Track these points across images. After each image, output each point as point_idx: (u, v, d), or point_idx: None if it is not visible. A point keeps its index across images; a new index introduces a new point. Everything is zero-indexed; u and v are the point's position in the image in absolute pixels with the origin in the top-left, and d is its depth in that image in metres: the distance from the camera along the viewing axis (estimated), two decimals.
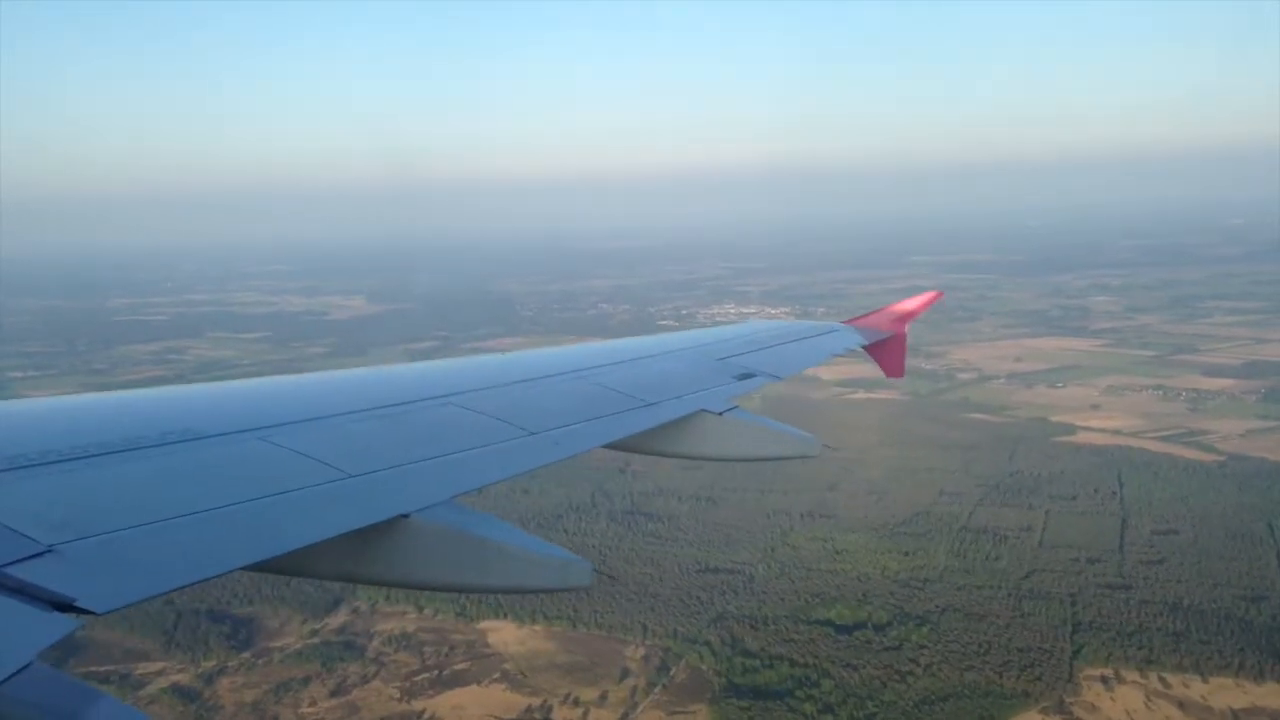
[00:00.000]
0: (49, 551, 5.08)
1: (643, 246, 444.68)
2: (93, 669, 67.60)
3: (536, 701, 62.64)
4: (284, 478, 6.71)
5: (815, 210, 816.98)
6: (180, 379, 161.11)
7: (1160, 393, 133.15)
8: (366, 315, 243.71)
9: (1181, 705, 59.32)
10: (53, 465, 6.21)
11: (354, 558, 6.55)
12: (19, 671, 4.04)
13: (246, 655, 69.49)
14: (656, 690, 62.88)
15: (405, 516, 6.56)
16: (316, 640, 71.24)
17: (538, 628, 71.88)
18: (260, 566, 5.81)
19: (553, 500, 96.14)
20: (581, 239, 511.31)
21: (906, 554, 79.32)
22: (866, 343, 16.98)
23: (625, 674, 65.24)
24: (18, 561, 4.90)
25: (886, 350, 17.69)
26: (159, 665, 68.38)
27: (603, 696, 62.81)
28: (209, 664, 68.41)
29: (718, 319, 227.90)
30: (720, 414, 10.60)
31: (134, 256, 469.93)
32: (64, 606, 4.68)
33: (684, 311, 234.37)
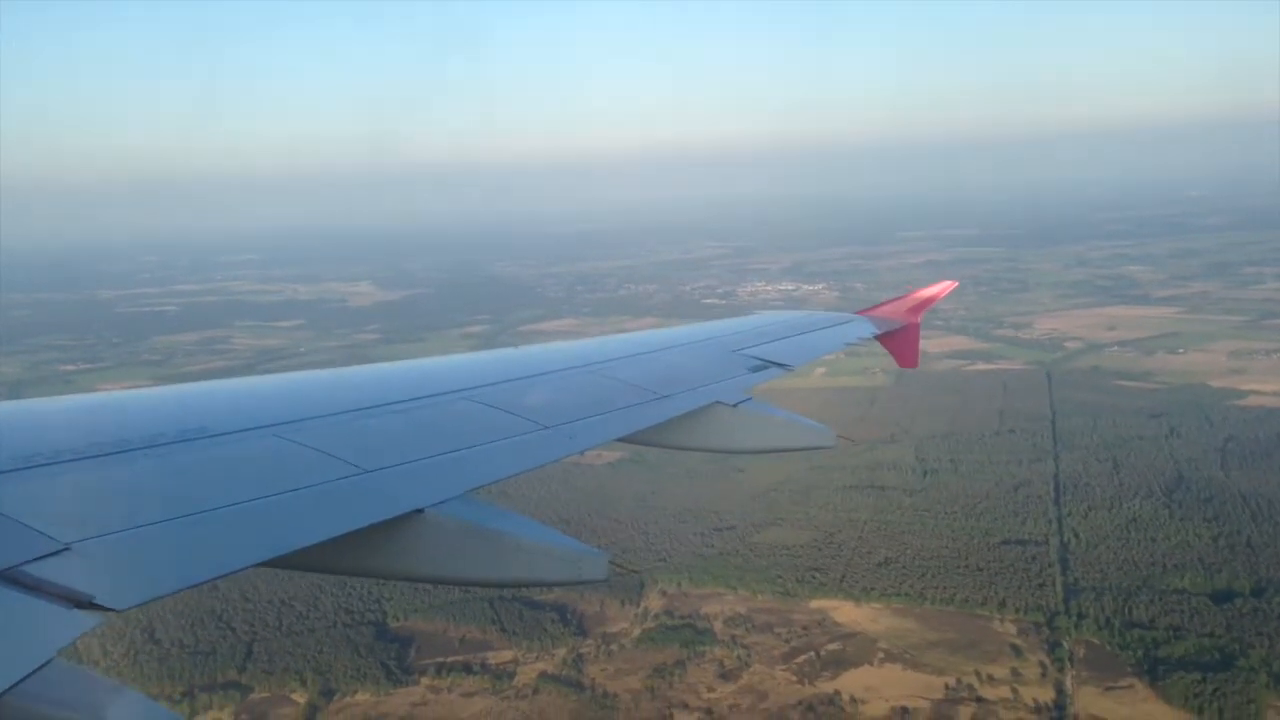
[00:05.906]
0: (66, 549, 5.08)
1: (613, 229, 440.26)
2: (440, 659, 64.86)
3: (950, 680, 60.25)
4: (299, 474, 6.74)
5: (765, 190, 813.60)
6: (249, 369, 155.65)
7: None
8: (389, 301, 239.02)
9: None
10: (69, 463, 6.20)
11: (370, 553, 6.56)
12: (40, 669, 4.04)
13: (591, 642, 66.60)
14: (1068, 666, 60.82)
15: (420, 511, 6.57)
16: (653, 624, 68.42)
17: (876, 605, 69.65)
18: (277, 562, 5.83)
19: (775, 478, 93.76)
20: (544, 222, 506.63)
21: (1208, 520, 77.90)
22: (880, 333, 16.75)
23: (1017, 650, 63.07)
24: (36, 559, 4.90)
25: (900, 340, 17.43)
26: (509, 654, 65.46)
27: (1014, 673, 60.61)
28: (560, 651, 65.52)
29: (756, 296, 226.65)
30: (734, 406, 10.63)
31: (85, 249, 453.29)
32: (82, 604, 4.64)
33: (720, 289, 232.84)
